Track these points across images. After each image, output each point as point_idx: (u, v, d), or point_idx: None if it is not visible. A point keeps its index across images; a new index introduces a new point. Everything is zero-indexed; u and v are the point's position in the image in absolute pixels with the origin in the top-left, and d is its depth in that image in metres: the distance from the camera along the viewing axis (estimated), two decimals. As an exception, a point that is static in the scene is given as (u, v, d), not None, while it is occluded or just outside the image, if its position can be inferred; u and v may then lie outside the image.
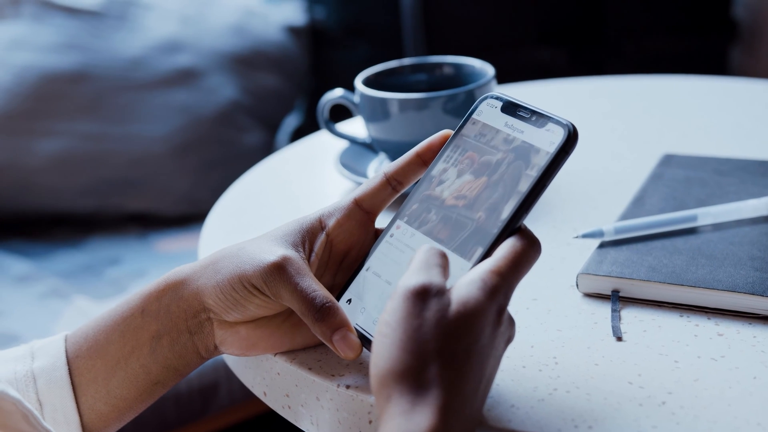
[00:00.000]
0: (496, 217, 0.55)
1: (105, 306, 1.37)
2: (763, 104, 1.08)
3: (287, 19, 1.80)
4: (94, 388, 0.61)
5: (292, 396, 0.62)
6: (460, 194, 0.58)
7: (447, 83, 0.92)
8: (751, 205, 0.73)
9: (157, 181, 1.61)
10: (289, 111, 1.85)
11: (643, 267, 0.67)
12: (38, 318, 1.34)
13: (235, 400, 1.31)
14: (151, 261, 1.50)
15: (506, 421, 0.54)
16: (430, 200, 0.59)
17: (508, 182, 0.56)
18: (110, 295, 1.40)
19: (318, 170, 0.98)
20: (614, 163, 0.91)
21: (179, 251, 1.54)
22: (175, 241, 1.59)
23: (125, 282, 1.44)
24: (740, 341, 0.60)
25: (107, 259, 1.52)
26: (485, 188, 0.57)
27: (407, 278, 0.52)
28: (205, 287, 0.59)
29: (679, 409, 0.54)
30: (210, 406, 1.29)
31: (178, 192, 1.62)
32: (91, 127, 1.58)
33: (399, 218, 0.60)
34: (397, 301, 0.51)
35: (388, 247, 0.60)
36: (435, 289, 0.51)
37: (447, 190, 0.58)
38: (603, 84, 1.21)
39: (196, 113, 1.63)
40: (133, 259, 1.51)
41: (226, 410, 1.30)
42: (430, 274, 0.52)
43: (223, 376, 1.29)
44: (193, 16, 1.70)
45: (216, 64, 1.67)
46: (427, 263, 0.53)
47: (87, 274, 1.47)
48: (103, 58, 1.61)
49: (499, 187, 0.56)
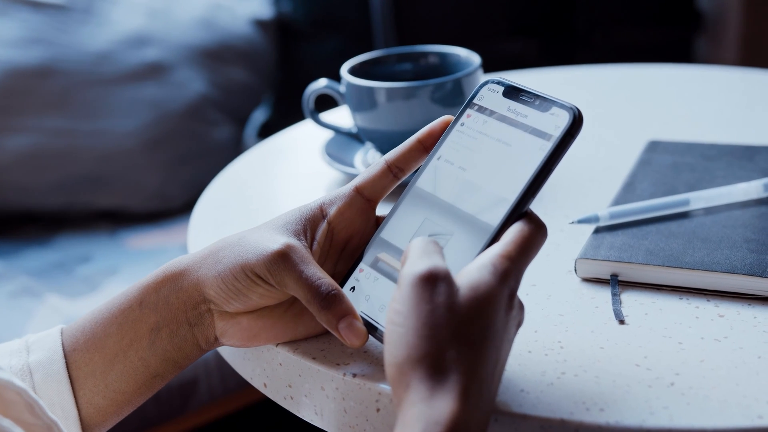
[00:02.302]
0: (503, 202, 0.55)
1: (77, 304, 1.34)
2: (740, 90, 1.09)
3: (254, 13, 1.79)
4: (92, 381, 0.59)
5: (295, 386, 0.62)
6: (464, 180, 0.57)
7: (433, 72, 0.91)
8: (742, 188, 0.74)
9: (127, 177, 1.59)
10: (257, 105, 1.84)
11: (641, 251, 0.67)
12: (10, 317, 1.31)
13: (215, 396, 1.29)
14: (123, 258, 1.48)
15: (517, 405, 0.54)
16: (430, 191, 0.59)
17: (513, 167, 0.56)
18: (82, 293, 1.38)
19: (303, 161, 0.97)
20: (600, 151, 0.92)
21: (151, 247, 1.52)
22: (147, 237, 1.57)
23: (97, 279, 1.42)
24: (741, 322, 0.61)
25: (78, 256, 1.49)
26: (490, 173, 0.57)
27: (411, 266, 0.51)
28: (206, 278, 0.58)
29: (688, 389, 0.54)
30: (190, 402, 1.27)
31: (148, 188, 1.60)
32: (59, 123, 1.56)
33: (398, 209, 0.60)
34: (405, 288, 0.50)
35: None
36: (442, 274, 0.50)
37: (450, 177, 0.58)
38: (578, 74, 1.22)
39: (165, 108, 1.61)
40: (105, 257, 1.49)
41: (205, 406, 1.29)
42: (433, 260, 0.51)
43: (203, 373, 1.28)
44: (160, 9, 1.68)
45: (184, 58, 1.65)
46: (425, 250, 0.52)
47: (58, 272, 1.44)
48: (70, 52, 1.58)
49: (505, 172, 0.56)
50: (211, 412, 1.30)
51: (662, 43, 2.05)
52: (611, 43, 2.01)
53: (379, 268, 0.59)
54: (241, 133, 1.77)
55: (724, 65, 1.63)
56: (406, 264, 0.52)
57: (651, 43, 2.04)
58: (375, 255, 0.59)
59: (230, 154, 1.65)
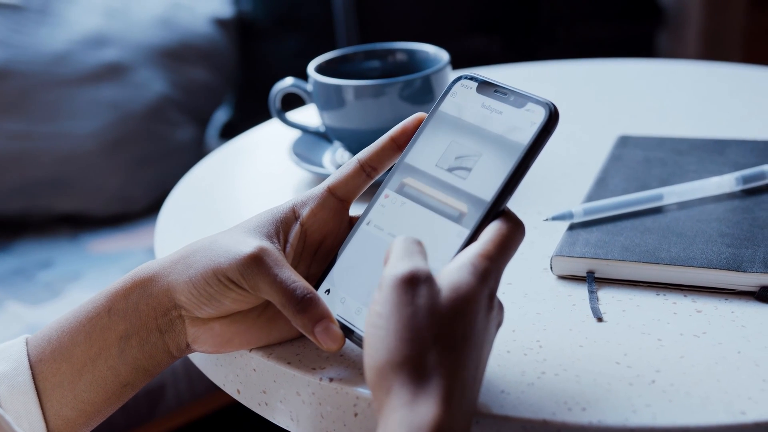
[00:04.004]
0: (480, 200, 0.54)
1: (39, 311, 1.32)
2: (706, 84, 1.09)
3: (214, 11, 1.77)
4: (60, 392, 0.58)
5: (270, 392, 0.60)
6: (439, 179, 0.56)
7: (401, 70, 0.90)
8: (714, 182, 0.74)
9: (87, 180, 1.56)
10: (219, 105, 1.81)
11: (616, 247, 0.67)
12: (-30, 325, 1.28)
13: (183, 401, 1.27)
14: (85, 262, 1.45)
15: (498, 407, 0.53)
16: (406, 187, 0.57)
17: (489, 164, 0.55)
18: (44, 300, 1.35)
19: (270, 162, 0.96)
20: (570, 146, 0.91)
21: (113, 251, 1.49)
22: (109, 241, 1.54)
23: (59, 285, 1.39)
24: (719, 317, 0.61)
25: (39, 262, 1.46)
26: (466, 171, 0.56)
27: (392, 267, 0.50)
28: (176, 283, 0.57)
29: (669, 386, 0.54)
30: (157, 409, 1.25)
31: (109, 191, 1.57)
32: (16, 126, 1.52)
33: (372, 210, 0.58)
34: (386, 290, 0.49)
35: (366, 234, 0.58)
36: (423, 275, 0.49)
37: (425, 175, 0.57)
38: (542, 69, 1.21)
39: (125, 109, 1.58)
40: (66, 262, 1.46)
41: (174, 412, 1.27)
42: (414, 261, 0.50)
43: (170, 379, 1.26)
44: (118, 8, 1.65)
45: (144, 58, 1.62)
46: (407, 251, 0.51)
47: (18, 279, 1.41)
48: (27, 53, 1.54)
49: (481, 169, 0.55)
50: (179, 418, 1.28)
51: (625, 39, 2.06)
52: (574, 39, 2.02)
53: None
54: (203, 134, 1.75)
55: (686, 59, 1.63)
56: (387, 265, 0.50)
57: (613, 39, 2.05)
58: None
59: (192, 155, 1.63)
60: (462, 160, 0.56)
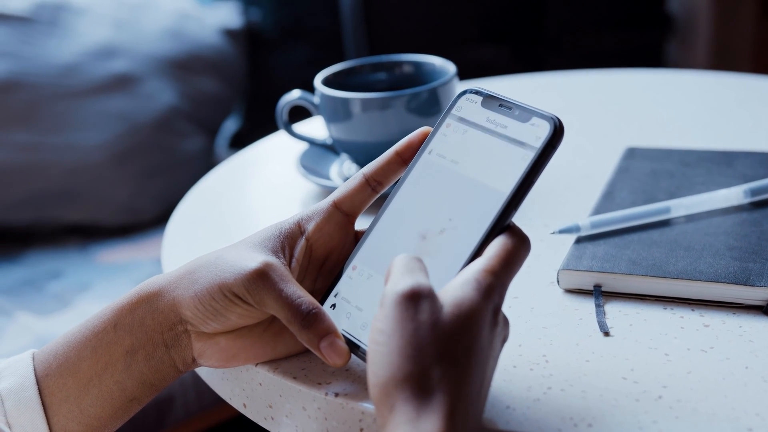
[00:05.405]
0: (485, 215, 0.54)
1: (49, 321, 1.32)
2: (714, 94, 1.09)
3: (223, 22, 1.77)
4: (66, 407, 0.58)
5: (276, 407, 0.60)
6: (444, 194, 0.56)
7: (408, 82, 0.90)
8: (722, 195, 0.74)
9: (96, 191, 1.56)
10: (228, 115, 1.82)
11: (624, 261, 0.67)
12: (-21, 337, 1.29)
13: (191, 413, 1.27)
14: (94, 273, 1.45)
15: (504, 423, 0.53)
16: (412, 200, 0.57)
17: (494, 179, 0.55)
18: (54, 310, 1.35)
19: (278, 174, 0.96)
20: (577, 159, 0.91)
21: (122, 262, 1.50)
22: (117, 251, 1.54)
23: (68, 296, 1.39)
24: (727, 331, 0.60)
25: (48, 272, 1.47)
26: (471, 186, 0.55)
27: (394, 284, 0.50)
28: (182, 298, 0.57)
29: (676, 402, 0.54)
30: (166, 419, 1.25)
31: (117, 201, 1.58)
32: (25, 137, 1.53)
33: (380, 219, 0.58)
34: (388, 307, 0.49)
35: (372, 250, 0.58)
36: (425, 291, 0.49)
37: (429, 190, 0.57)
38: (550, 80, 1.21)
39: (134, 120, 1.59)
40: (75, 272, 1.46)
41: (181, 423, 1.27)
42: (416, 277, 0.50)
43: (178, 390, 1.26)
44: (126, 20, 1.66)
45: (152, 69, 1.63)
46: (408, 267, 0.51)
47: (28, 289, 1.42)
48: (36, 65, 1.55)
49: (486, 184, 0.55)
50: (187, 429, 1.28)
51: (633, 48, 2.06)
52: (582, 49, 2.02)
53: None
54: (212, 144, 1.75)
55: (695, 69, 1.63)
56: (389, 282, 0.50)
57: (621, 48, 2.04)
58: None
59: (201, 165, 1.63)
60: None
